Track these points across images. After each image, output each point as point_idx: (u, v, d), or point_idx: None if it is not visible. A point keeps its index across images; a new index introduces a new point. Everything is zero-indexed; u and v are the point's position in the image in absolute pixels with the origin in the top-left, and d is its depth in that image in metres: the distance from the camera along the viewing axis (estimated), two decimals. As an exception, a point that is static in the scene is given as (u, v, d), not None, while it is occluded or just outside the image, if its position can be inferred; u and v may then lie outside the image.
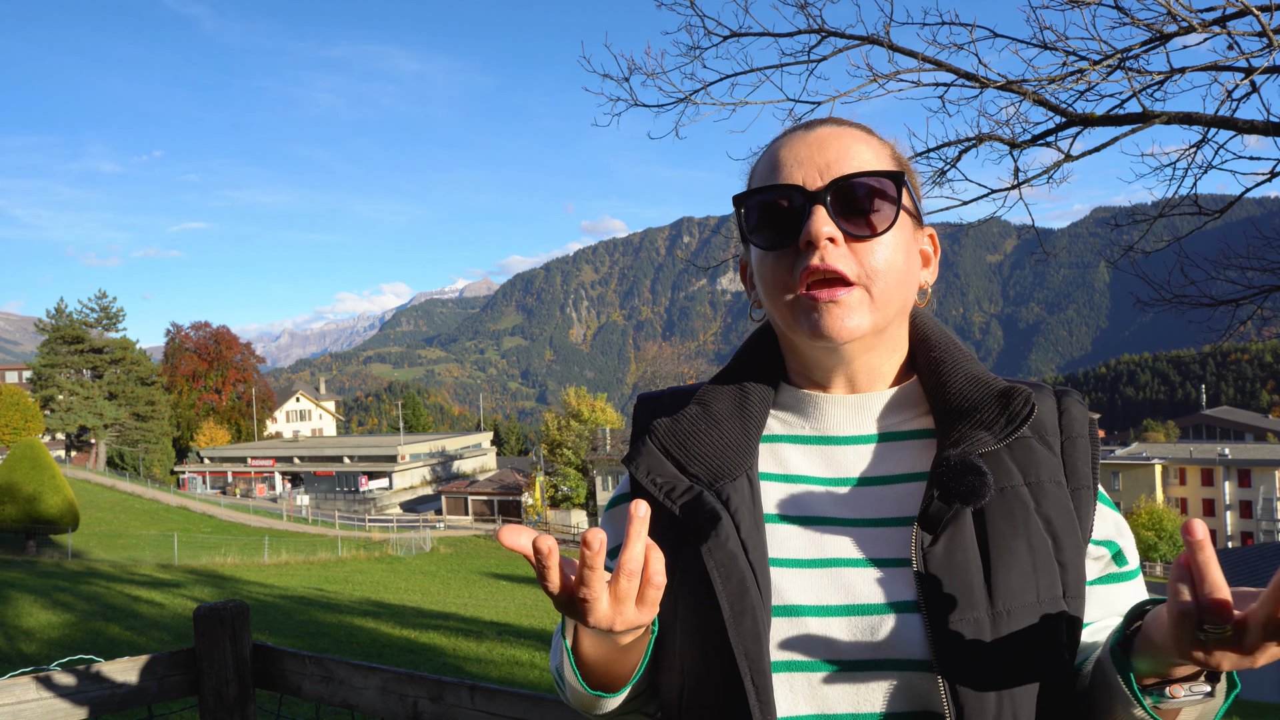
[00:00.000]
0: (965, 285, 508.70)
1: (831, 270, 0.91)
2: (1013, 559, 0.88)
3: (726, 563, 0.90)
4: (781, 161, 0.97)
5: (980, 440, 0.92)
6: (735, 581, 0.89)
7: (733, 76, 5.73)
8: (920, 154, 5.86)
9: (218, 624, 2.18)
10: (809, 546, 0.94)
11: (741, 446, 0.98)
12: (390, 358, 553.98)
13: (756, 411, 1.02)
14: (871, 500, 0.96)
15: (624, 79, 5.74)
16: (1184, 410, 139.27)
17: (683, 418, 1.02)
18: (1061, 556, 0.90)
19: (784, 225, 0.95)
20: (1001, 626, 0.85)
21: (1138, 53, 5.24)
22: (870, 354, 0.99)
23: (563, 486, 53.29)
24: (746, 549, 0.91)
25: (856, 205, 0.93)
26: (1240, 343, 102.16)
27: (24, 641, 9.87)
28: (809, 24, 5.53)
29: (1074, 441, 0.97)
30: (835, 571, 0.92)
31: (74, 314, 66.62)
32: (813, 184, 0.94)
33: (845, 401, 1.01)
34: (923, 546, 0.88)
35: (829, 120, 1.01)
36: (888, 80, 5.44)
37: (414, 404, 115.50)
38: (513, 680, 8.71)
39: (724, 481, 0.96)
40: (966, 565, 0.87)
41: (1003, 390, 0.96)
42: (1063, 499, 0.93)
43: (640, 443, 1.03)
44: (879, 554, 0.92)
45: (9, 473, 25.32)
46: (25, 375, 69.76)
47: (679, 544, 0.95)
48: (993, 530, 0.89)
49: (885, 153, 1.00)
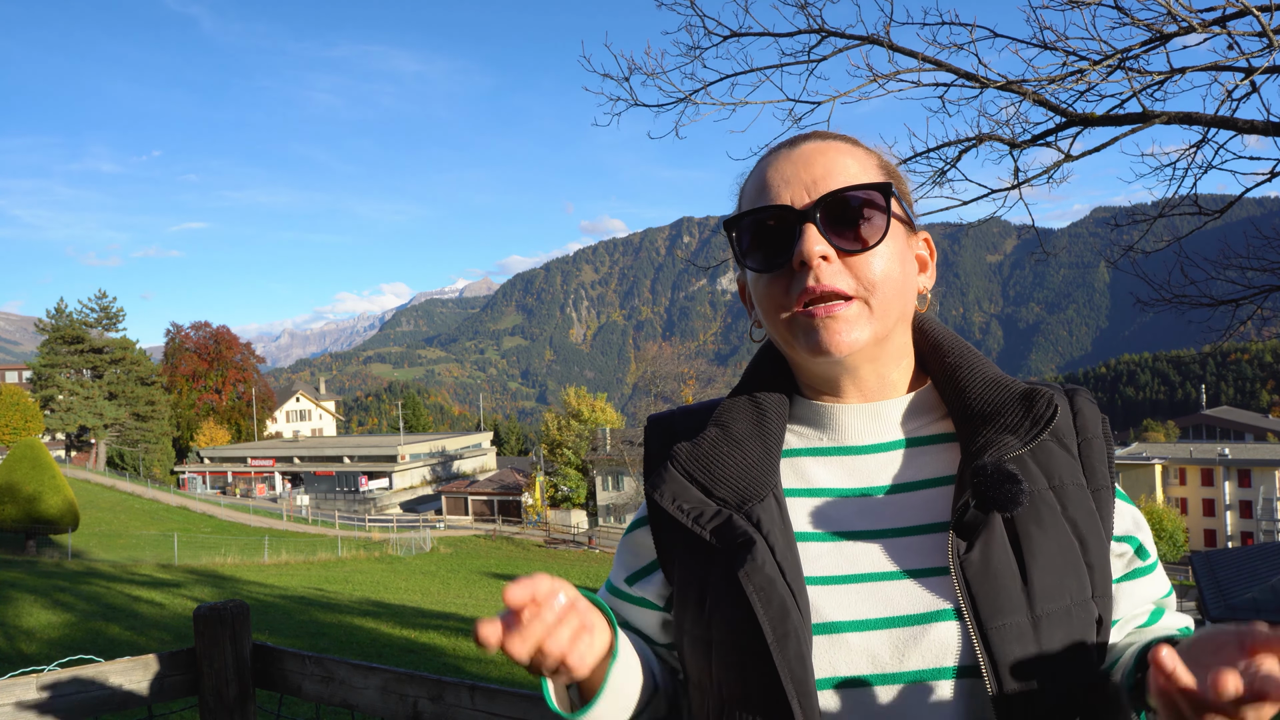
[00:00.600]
0: (965, 285, 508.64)
1: (828, 289, 0.91)
2: (1047, 562, 0.89)
3: (765, 586, 0.89)
4: (769, 182, 0.97)
5: (1007, 444, 0.92)
6: (776, 605, 0.88)
7: (733, 76, 5.73)
8: (920, 154, 5.86)
9: (218, 624, 2.17)
10: (841, 562, 0.94)
11: (765, 465, 0.98)
12: (390, 358, 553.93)
13: (775, 428, 1.01)
14: (897, 509, 0.96)
15: (624, 79, 5.74)
16: (1184, 410, 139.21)
17: (703, 441, 1.01)
18: (1089, 558, 0.92)
19: (776, 246, 0.95)
20: (1041, 629, 0.87)
21: (1138, 53, 5.24)
22: (875, 363, 0.99)
23: (563, 486, 53.31)
24: (784, 571, 0.90)
25: (846, 219, 0.93)
26: (1240, 343, 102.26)
27: (24, 641, 9.87)
28: (809, 24, 5.53)
29: (1090, 443, 0.98)
30: (871, 586, 0.91)
31: (74, 314, 66.65)
32: (800, 202, 0.94)
33: (862, 410, 1.01)
34: (959, 554, 0.89)
35: (813, 135, 1.01)
36: (888, 80, 5.44)
37: (414, 404, 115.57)
38: (513, 680, 8.71)
39: (752, 503, 0.95)
40: (1004, 570, 0.88)
41: (1024, 392, 0.96)
42: (1085, 501, 0.94)
43: (662, 469, 1.02)
44: (913, 564, 0.92)
45: (9, 473, 25.32)
46: (25, 375, 69.77)
47: (707, 565, 0.96)
48: (1024, 535, 0.90)
49: (872, 162, 0.99)
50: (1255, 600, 18.69)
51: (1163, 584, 1.03)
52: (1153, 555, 1.02)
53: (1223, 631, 0.72)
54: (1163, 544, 54.04)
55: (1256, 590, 19.10)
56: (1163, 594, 1.04)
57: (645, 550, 1.07)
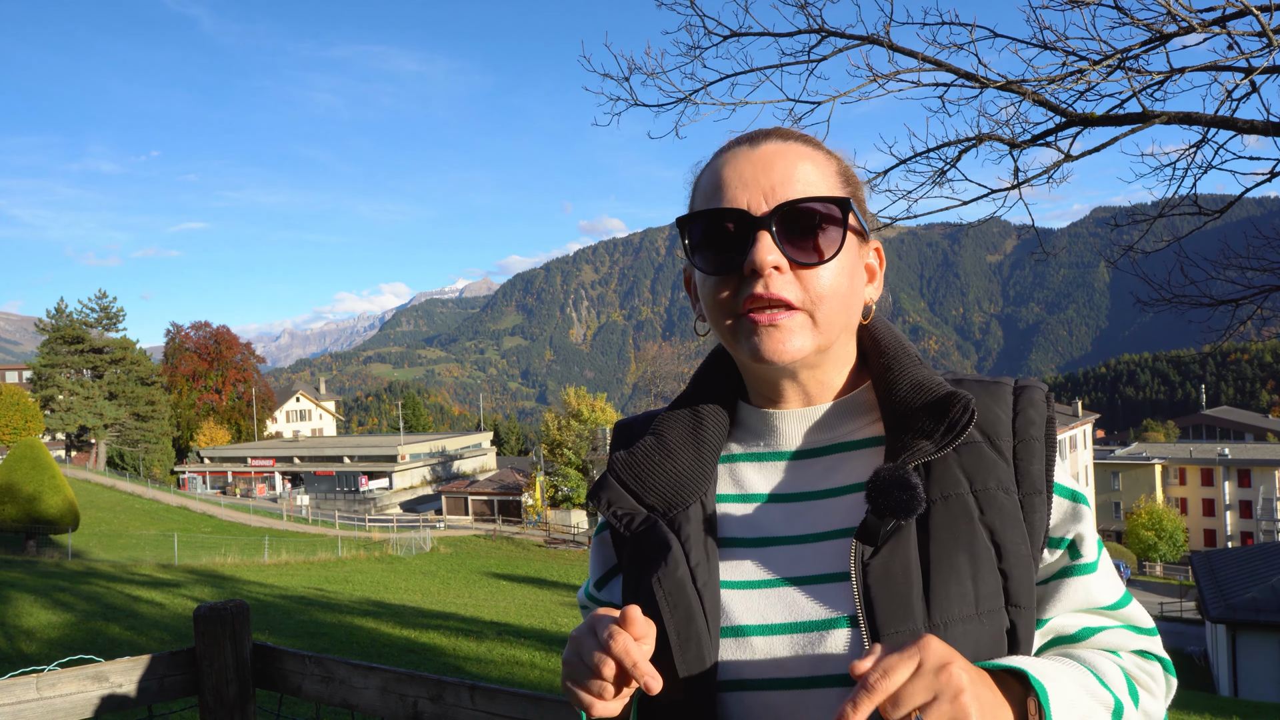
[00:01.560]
0: (965, 285, 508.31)
1: (776, 298, 0.91)
2: (952, 570, 0.87)
3: (674, 591, 0.92)
4: (725, 181, 0.95)
5: (921, 449, 0.91)
6: (682, 609, 0.91)
7: (733, 76, 5.73)
8: (920, 154, 5.86)
9: (218, 624, 2.17)
10: (758, 568, 0.95)
11: (695, 474, 1.00)
12: (390, 358, 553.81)
13: (711, 436, 1.02)
14: (819, 514, 0.96)
15: (624, 79, 5.73)
16: (1184, 410, 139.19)
17: (638, 449, 1.03)
18: (1005, 566, 0.89)
19: (728, 249, 0.93)
20: (942, 638, 0.82)
21: (1138, 53, 5.24)
22: (817, 370, 0.99)
23: (563, 486, 53.29)
24: (694, 576, 0.93)
25: (802, 230, 0.92)
26: (1240, 343, 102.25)
27: (24, 641, 9.87)
28: (809, 24, 5.53)
29: (1026, 445, 0.94)
30: (781, 591, 0.92)
31: (74, 314, 66.60)
32: (757, 208, 0.92)
33: (797, 415, 1.01)
34: (863, 559, 0.88)
35: (773, 134, 0.99)
36: (888, 80, 5.44)
37: (414, 404, 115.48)
38: (513, 680, 8.71)
39: (677, 510, 0.98)
40: (904, 577, 0.87)
41: (943, 397, 0.93)
42: (1010, 507, 0.91)
43: (605, 475, 1.05)
44: (822, 569, 0.92)
45: (9, 473, 25.32)
46: (25, 375, 69.75)
47: (640, 569, 0.98)
48: (935, 541, 0.88)
49: (832, 168, 0.98)
50: (1255, 600, 18.69)
51: (1105, 591, 0.95)
52: (1089, 555, 0.95)
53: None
54: (1163, 544, 54.03)
55: (1256, 590, 19.10)
56: (1104, 603, 0.95)
57: (608, 554, 1.10)
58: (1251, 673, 18.56)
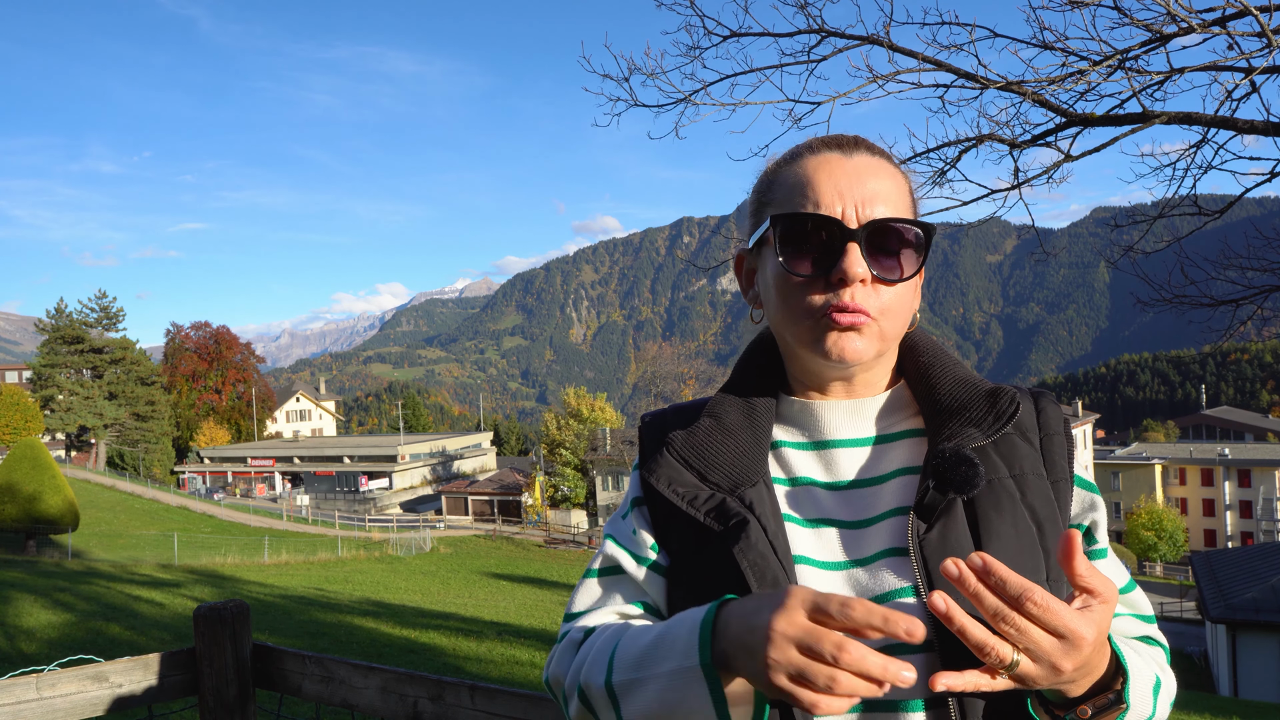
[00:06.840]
0: (965, 285, 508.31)
1: (859, 309, 0.97)
2: (1002, 543, 0.94)
3: (759, 562, 0.95)
4: (819, 185, 1.00)
5: (970, 436, 1.00)
6: (769, 580, 0.94)
7: (733, 77, 5.73)
8: (920, 154, 5.86)
9: (218, 624, 2.17)
10: (820, 548, 1.00)
11: (756, 455, 1.04)
12: (390, 358, 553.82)
13: (763, 421, 1.08)
14: (869, 500, 1.02)
15: (624, 79, 5.73)
16: (1184, 410, 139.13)
17: (698, 430, 1.07)
18: (1045, 543, 0.97)
19: (817, 253, 0.99)
20: None
21: (1138, 53, 5.24)
22: (866, 370, 1.06)
23: (563, 486, 53.30)
24: (775, 549, 0.96)
25: (888, 249, 0.99)
26: (1240, 343, 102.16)
27: (24, 641, 9.87)
28: (809, 24, 5.53)
29: (1051, 438, 1.05)
30: (845, 573, 0.98)
31: (74, 314, 66.60)
32: (851, 221, 0.98)
33: (841, 406, 1.07)
34: (918, 534, 0.95)
35: (863, 145, 1.04)
36: (888, 80, 5.44)
37: (414, 404, 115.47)
38: (513, 680, 8.71)
39: (744, 488, 1.01)
40: (960, 548, 0.93)
41: (990, 390, 1.03)
42: (1045, 490, 1.00)
43: (658, 454, 1.08)
44: (878, 548, 0.98)
45: (9, 473, 25.33)
46: (25, 375, 69.74)
47: (699, 546, 1.01)
48: (983, 518, 0.96)
49: (906, 188, 1.05)
50: (1255, 600, 18.68)
51: (1114, 578, 1.02)
52: (1103, 542, 1.05)
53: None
54: (1163, 544, 54.05)
55: (1256, 590, 19.09)
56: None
57: (644, 538, 1.10)
58: (1252, 673, 18.56)
